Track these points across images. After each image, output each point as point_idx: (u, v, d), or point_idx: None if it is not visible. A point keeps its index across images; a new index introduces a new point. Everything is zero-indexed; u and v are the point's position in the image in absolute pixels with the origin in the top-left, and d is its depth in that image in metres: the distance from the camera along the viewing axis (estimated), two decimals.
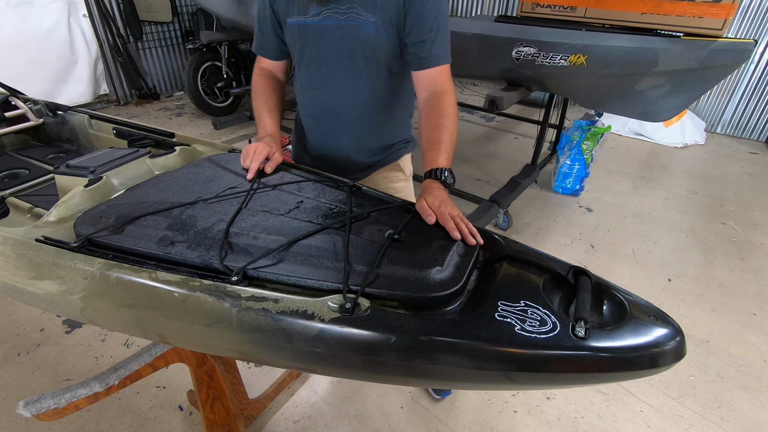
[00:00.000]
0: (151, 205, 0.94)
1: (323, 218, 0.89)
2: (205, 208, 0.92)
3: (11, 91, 1.77)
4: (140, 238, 0.84)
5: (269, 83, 1.21)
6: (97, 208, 0.94)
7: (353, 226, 0.85)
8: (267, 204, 0.94)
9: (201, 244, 0.81)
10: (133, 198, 0.98)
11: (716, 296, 2.18)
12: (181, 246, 0.81)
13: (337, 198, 0.98)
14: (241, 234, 0.83)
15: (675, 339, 0.67)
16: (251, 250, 0.79)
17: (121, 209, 0.93)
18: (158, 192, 1.00)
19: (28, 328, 1.86)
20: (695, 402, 1.64)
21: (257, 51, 1.20)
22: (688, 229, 2.75)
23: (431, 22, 0.99)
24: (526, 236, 2.63)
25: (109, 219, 0.89)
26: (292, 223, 0.87)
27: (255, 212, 0.91)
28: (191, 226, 0.86)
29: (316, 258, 0.77)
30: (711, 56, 1.94)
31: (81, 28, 4.20)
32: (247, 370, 1.69)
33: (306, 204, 0.95)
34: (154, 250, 0.81)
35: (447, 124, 1.00)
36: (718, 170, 3.58)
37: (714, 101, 4.32)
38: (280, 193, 0.99)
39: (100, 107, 4.58)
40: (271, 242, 0.81)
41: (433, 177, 0.96)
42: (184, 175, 1.08)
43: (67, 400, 0.86)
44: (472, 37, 2.45)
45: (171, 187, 1.01)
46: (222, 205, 0.93)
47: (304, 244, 0.80)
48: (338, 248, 0.79)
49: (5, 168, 1.46)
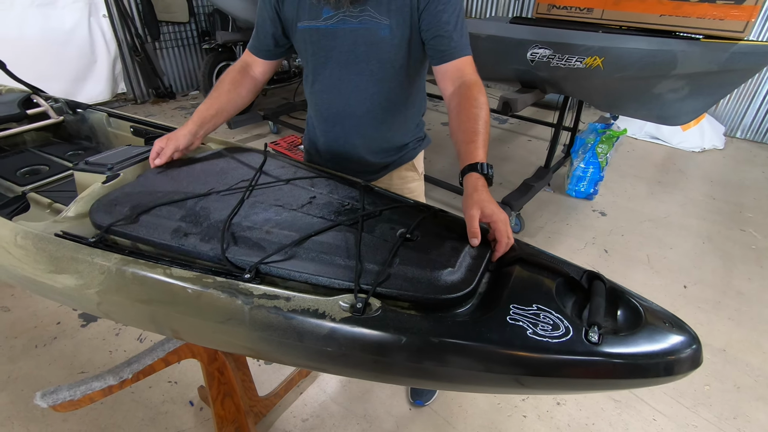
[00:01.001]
0: (165, 194, 0.94)
1: (335, 214, 0.89)
2: (218, 200, 0.93)
3: (34, 90, 1.81)
4: (154, 228, 0.85)
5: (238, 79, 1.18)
6: (111, 195, 0.96)
7: (365, 224, 0.85)
8: (280, 198, 0.95)
9: (214, 236, 0.82)
10: (146, 186, 0.99)
11: (734, 304, 2.13)
12: (194, 238, 0.82)
13: (349, 195, 0.98)
14: (254, 228, 0.84)
15: (691, 347, 0.66)
16: (264, 244, 0.80)
17: (135, 198, 0.94)
18: (171, 180, 1.00)
19: (45, 321, 1.91)
20: (710, 412, 1.60)
21: (250, 49, 1.20)
22: (706, 236, 2.69)
23: (448, 15, 0.99)
24: (539, 239, 2.60)
25: (124, 207, 0.90)
26: (305, 218, 0.88)
27: (268, 206, 0.91)
28: (204, 218, 0.87)
29: (327, 255, 0.77)
30: (732, 59, 1.90)
31: (101, 28, 4.29)
32: (257, 368, 1.70)
33: (319, 200, 0.95)
34: (167, 240, 0.82)
35: (482, 114, 0.94)
36: (737, 176, 3.50)
37: (734, 105, 4.22)
38: (293, 188, 1.00)
39: (117, 106, 4.66)
40: (284, 237, 0.81)
41: (477, 171, 0.86)
42: (197, 164, 1.09)
43: (82, 392, 0.88)
44: (487, 38, 2.44)
45: (184, 176, 1.02)
46: (236, 198, 0.94)
47: (316, 240, 0.80)
48: (350, 246, 0.79)
49: (27, 164, 1.50)
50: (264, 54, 1.18)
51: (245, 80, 1.19)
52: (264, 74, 1.22)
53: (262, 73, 1.22)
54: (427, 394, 1.61)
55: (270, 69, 1.23)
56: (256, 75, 1.21)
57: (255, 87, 1.22)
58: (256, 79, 1.21)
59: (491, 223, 0.79)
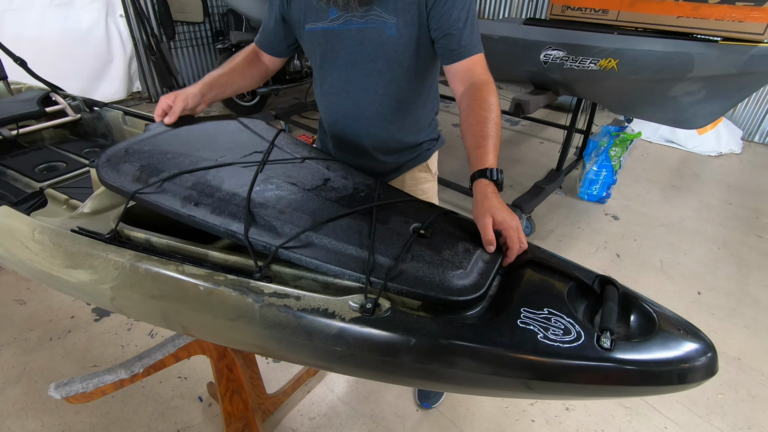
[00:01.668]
0: (176, 156, 0.93)
1: (349, 200, 0.88)
2: (231, 170, 0.91)
3: (53, 88, 1.85)
4: (165, 194, 0.84)
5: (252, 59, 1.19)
6: (119, 146, 0.94)
7: (378, 214, 0.84)
8: (293, 176, 0.93)
9: (225, 210, 0.81)
10: (156, 143, 0.97)
11: (749, 312, 2.08)
12: (205, 209, 0.81)
13: (364, 182, 0.97)
14: (267, 206, 0.83)
15: (706, 355, 0.65)
16: (277, 225, 0.79)
17: (145, 156, 0.92)
18: (181, 142, 0.99)
19: (59, 314, 1.94)
20: (724, 421, 1.57)
21: (257, 44, 1.20)
22: (721, 241, 2.64)
23: (458, 12, 0.96)
24: (549, 243, 2.58)
25: (133, 165, 0.89)
26: (318, 201, 0.87)
27: (282, 183, 0.90)
28: (217, 189, 0.85)
29: (339, 243, 0.76)
30: (751, 62, 1.86)
31: (117, 27, 4.36)
32: (265, 366, 1.72)
33: (333, 183, 0.94)
34: (178, 208, 0.81)
35: (492, 116, 0.91)
36: (754, 181, 3.43)
37: (752, 109, 4.14)
38: (307, 167, 0.98)
39: (132, 104, 4.73)
40: (297, 219, 0.80)
41: (486, 177, 0.84)
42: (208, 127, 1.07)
43: (94, 385, 0.90)
44: (500, 39, 2.42)
45: (194, 139, 1.01)
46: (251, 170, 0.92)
47: (329, 225, 0.80)
48: (363, 235, 0.78)
49: (45, 161, 1.53)
50: (269, 49, 1.20)
51: (258, 62, 1.22)
52: (272, 64, 1.24)
53: (270, 62, 1.23)
54: (434, 397, 1.61)
55: (277, 63, 1.24)
56: (266, 62, 1.23)
57: (265, 73, 1.24)
58: (267, 66, 1.23)
59: (503, 230, 0.79)
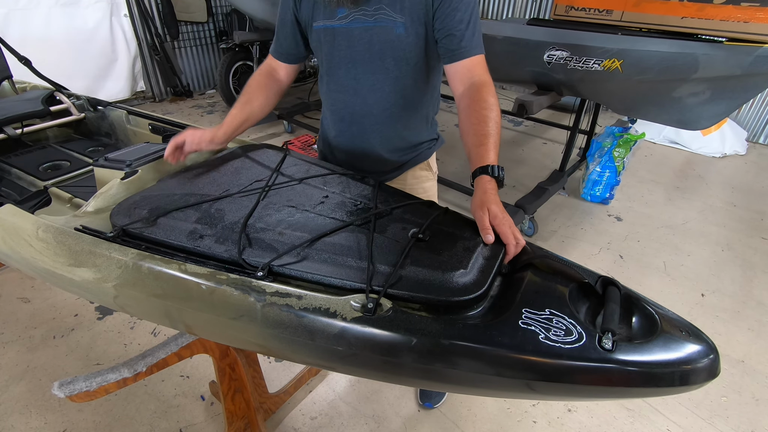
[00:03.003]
0: (182, 197, 0.97)
1: (348, 214, 0.90)
2: (232, 201, 0.95)
3: (57, 87, 1.87)
4: (171, 231, 0.86)
5: (265, 83, 1.20)
6: (131, 199, 0.98)
7: (377, 224, 0.85)
8: (293, 198, 0.96)
9: (228, 238, 0.83)
10: (165, 189, 1.01)
11: (754, 314, 2.07)
12: (209, 240, 0.83)
13: (362, 193, 0.98)
14: (267, 230, 0.85)
15: (708, 356, 0.64)
16: (276, 245, 0.80)
17: (153, 201, 0.96)
18: (188, 183, 1.03)
19: (63, 312, 1.95)
20: (727, 424, 1.56)
21: (273, 54, 1.22)
22: (725, 243, 2.62)
23: (461, 14, 0.98)
24: (552, 243, 2.57)
25: (143, 210, 0.92)
26: (317, 219, 0.88)
27: (281, 207, 0.92)
28: (219, 219, 0.89)
29: (339, 256, 0.77)
30: (756, 63, 1.85)
31: (122, 27, 4.38)
32: (267, 365, 1.72)
33: (331, 199, 0.96)
34: (183, 242, 0.83)
35: (492, 115, 0.93)
36: (759, 182, 3.41)
37: (757, 110, 4.12)
38: (306, 187, 1.00)
39: (136, 103, 4.75)
40: (296, 239, 0.82)
41: (487, 173, 0.87)
42: (213, 165, 1.11)
43: (98, 384, 0.90)
44: (503, 40, 2.42)
45: (200, 179, 1.05)
46: (250, 199, 0.95)
47: (328, 241, 0.81)
48: (362, 246, 0.79)
49: (49, 159, 1.54)
50: (285, 57, 1.20)
51: (271, 83, 1.22)
52: (288, 77, 1.25)
53: (286, 75, 1.24)
54: (435, 397, 1.61)
55: (293, 72, 1.25)
56: (281, 78, 1.23)
57: (281, 90, 1.25)
58: (282, 82, 1.24)
59: (495, 225, 0.80)
